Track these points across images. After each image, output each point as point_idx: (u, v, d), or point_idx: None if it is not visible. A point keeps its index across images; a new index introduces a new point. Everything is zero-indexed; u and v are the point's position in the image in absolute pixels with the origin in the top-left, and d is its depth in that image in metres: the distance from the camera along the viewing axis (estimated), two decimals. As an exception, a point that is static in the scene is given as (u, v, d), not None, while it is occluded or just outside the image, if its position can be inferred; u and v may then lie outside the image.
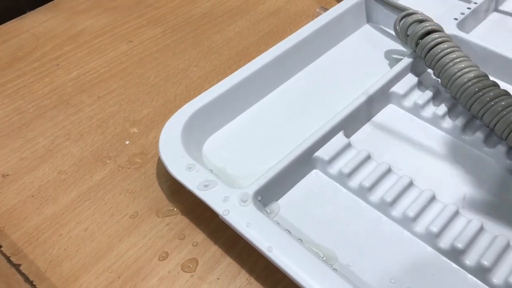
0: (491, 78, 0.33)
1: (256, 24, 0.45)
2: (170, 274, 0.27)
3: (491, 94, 0.31)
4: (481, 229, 0.27)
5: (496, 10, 0.44)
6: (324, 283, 0.24)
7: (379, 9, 0.42)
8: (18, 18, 0.47)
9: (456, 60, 0.33)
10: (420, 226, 0.28)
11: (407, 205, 0.29)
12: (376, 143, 0.33)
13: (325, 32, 0.40)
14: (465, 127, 0.33)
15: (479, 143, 0.33)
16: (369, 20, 0.44)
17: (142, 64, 0.41)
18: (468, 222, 0.28)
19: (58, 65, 0.41)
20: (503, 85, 0.36)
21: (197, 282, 0.27)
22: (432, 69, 0.35)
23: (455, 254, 0.27)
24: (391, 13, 0.41)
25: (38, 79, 0.40)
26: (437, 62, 0.34)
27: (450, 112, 0.34)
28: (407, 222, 0.28)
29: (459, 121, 0.33)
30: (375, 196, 0.29)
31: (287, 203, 0.30)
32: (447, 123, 0.34)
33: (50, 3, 0.49)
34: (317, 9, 0.44)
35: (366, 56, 0.40)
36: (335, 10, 0.41)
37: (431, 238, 0.27)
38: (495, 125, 0.31)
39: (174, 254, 0.28)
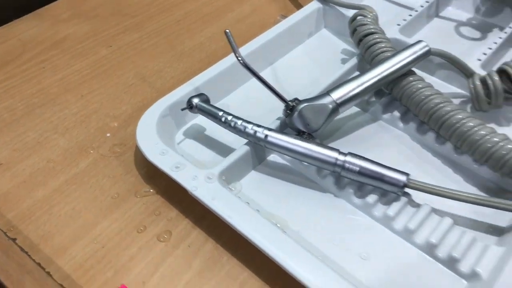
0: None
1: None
2: (147, 244, 0.32)
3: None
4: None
5: (438, 16, 0.50)
6: (277, 244, 0.29)
7: (334, 16, 0.47)
8: (4, 25, 0.51)
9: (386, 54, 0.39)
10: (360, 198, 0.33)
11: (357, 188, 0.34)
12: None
13: (284, 36, 0.45)
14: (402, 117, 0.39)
15: (397, 120, 0.38)
16: (326, 25, 0.49)
17: (121, 67, 0.46)
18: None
19: (44, 68, 0.46)
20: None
21: (171, 249, 0.32)
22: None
23: (387, 220, 0.32)
24: (345, 19, 0.46)
25: (26, 80, 0.44)
26: (372, 60, 0.39)
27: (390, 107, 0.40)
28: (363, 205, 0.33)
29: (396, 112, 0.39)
30: (327, 180, 0.34)
31: (249, 182, 0.35)
32: (387, 114, 0.39)
33: (34, 12, 0.53)
34: (278, 17, 0.49)
35: (321, 57, 0.46)
36: (294, 17, 0.46)
37: (368, 208, 0.32)
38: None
39: (151, 227, 0.33)
